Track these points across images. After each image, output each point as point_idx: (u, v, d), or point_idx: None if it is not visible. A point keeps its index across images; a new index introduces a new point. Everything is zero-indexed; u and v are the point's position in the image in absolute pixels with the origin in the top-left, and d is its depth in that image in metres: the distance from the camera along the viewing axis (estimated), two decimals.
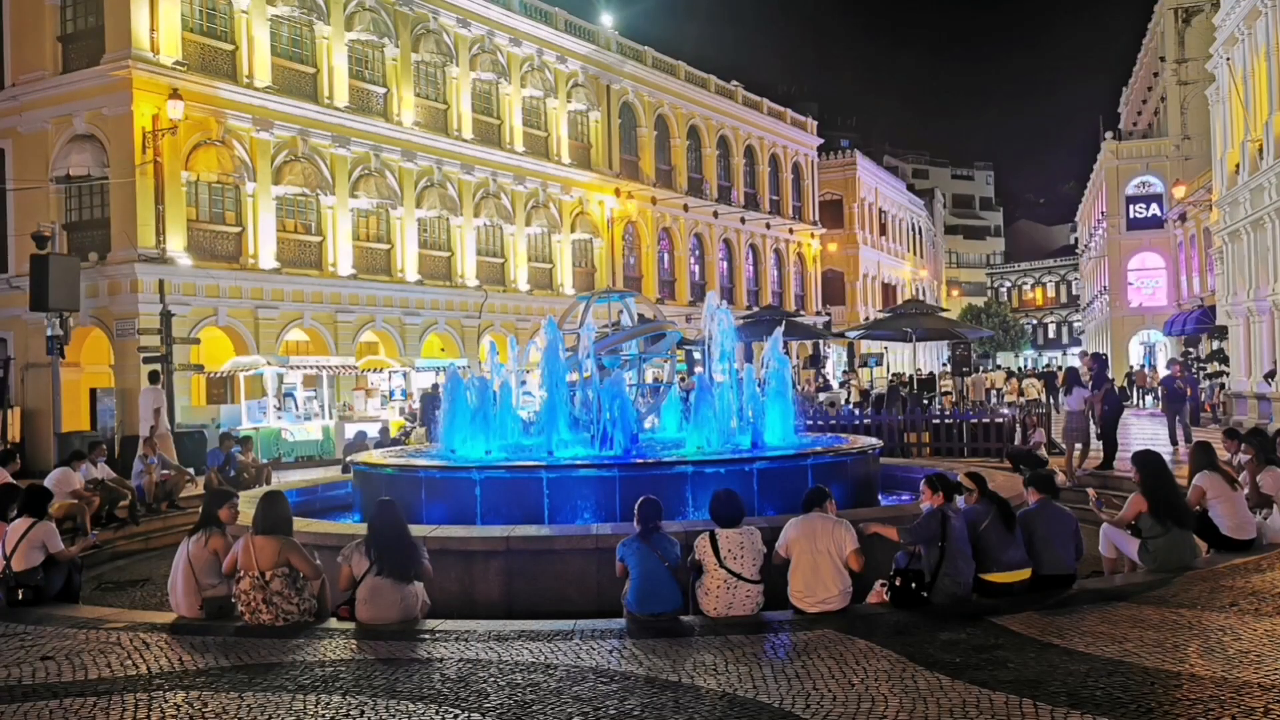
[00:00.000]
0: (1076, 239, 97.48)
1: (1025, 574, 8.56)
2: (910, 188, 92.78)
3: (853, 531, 8.43)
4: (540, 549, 9.96)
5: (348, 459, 14.18)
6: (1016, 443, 18.00)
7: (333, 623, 8.21)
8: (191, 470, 21.41)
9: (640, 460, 12.01)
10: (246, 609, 8.12)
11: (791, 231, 62.16)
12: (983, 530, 8.54)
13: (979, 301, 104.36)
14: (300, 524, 10.69)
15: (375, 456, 13.75)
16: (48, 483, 15.09)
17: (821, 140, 67.18)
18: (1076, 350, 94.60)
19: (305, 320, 33.16)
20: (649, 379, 16.66)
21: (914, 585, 8.27)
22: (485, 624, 7.98)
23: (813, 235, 64.71)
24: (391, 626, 7.88)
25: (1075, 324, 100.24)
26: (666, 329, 14.65)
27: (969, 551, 8.40)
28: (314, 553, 8.72)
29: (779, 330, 14.77)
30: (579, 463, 11.82)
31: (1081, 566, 9.38)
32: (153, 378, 23.75)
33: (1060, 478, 16.83)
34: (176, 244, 29.13)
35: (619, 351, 16.02)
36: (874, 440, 14.56)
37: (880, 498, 14.05)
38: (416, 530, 10.36)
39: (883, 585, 8.52)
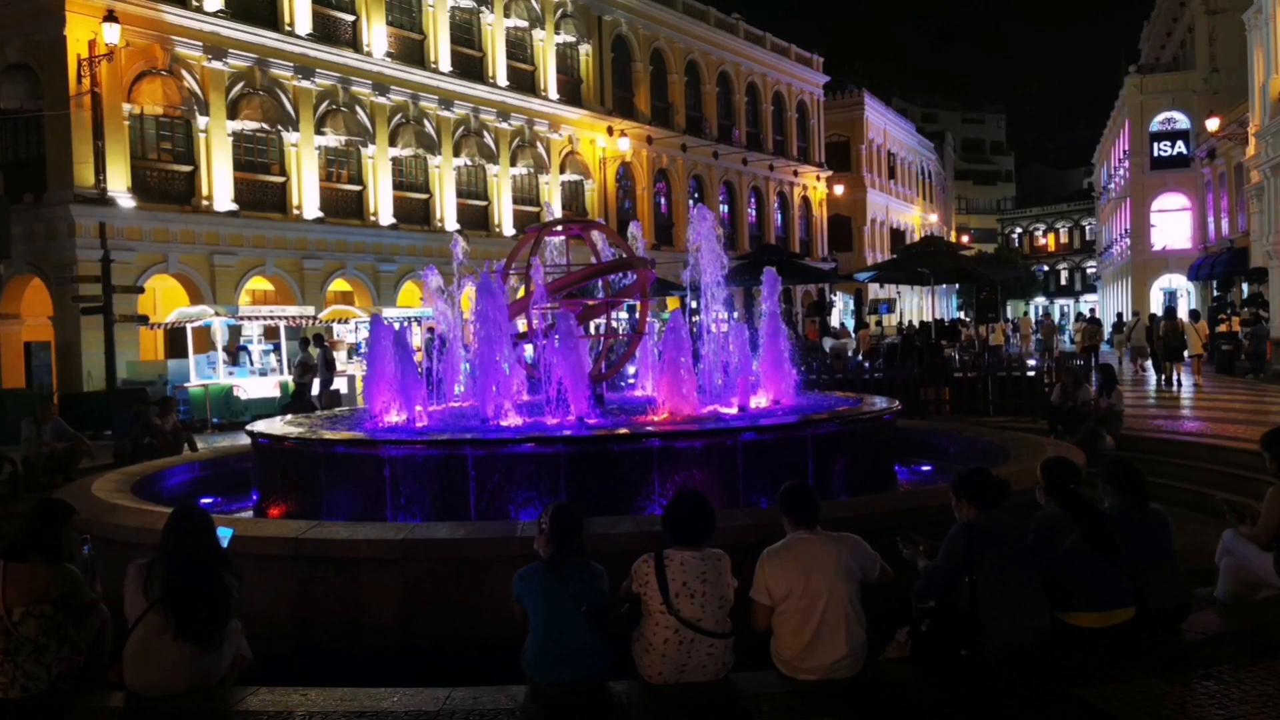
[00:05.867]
0: (1090, 183, 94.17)
1: (1128, 614, 5.93)
2: (920, 130, 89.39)
3: (864, 545, 5.79)
4: (447, 556, 7.48)
5: (247, 427, 11.74)
6: (1053, 400, 15.52)
7: (102, 694, 5.61)
8: (109, 432, 19.07)
9: (593, 434, 9.46)
10: None
11: (796, 174, 59.16)
12: (1064, 551, 5.91)
13: (989, 248, 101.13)
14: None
15: (278, 425, 11.23)
16: None
17: (828, 79, 63.92)
18: (1091, 297, 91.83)
19: (268, 268, 30.64)
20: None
21: (948, 632, 5.67)
22: (316, 695, 5.48)
23: (818, 178, 61.71)
24: (175, 699, 5.39)
25: (1089, 270, 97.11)
26: (636, 266, 12.10)
27: (1027, 582, 5.77)
28: None
29: (770, 271, 12.20)
30: (514, 437, 9.26)
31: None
32: None
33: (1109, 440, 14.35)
34: (119, 183, 26.54)
35: (586, 294, 13.51)
36: (890, 402, 12.02)
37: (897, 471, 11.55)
38: (297, 530, 7.92)
39: (908, 634, 5.88)
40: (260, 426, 11.05)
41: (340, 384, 26.08)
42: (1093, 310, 72.35)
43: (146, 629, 5.48)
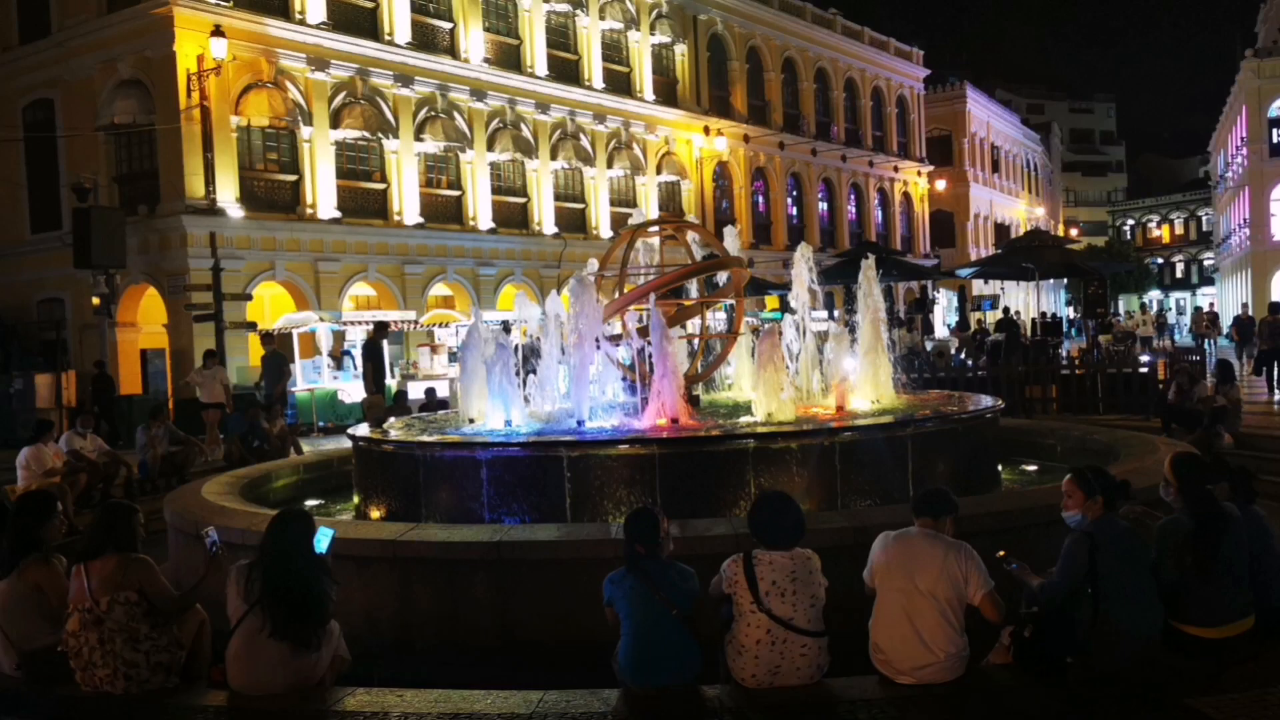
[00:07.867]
0: (1207, 171, 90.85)
1: (1247, 624, 5.56)
2: (1025, 122, 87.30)
3: (977, 561, 5.45)
4: (541, 558, 7.46)
5: (348, 431, 11.92)
6: (1170, 398, 14.95)
7: (204, 693, 5.73)
8: (222, 436, 19.57)
9: (683, 434, 9.35)
10: (77, 662, 5.74)
11: (897, 169, 58.25)
12: (1181, 562, 5.56)
13: (1099, 242, 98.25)
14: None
15: (376, 429, 11.38)
16: (17, 464, 13.23)
17: (928, 72, 62.74)
18: (1209, 290, 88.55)
19: (370, 273, 31.20)
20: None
21: (1053, 638, 5.42)
22: (411, 696, 5.49)
23: (919, 173, 60.66)
24: (275, 699, 5.45)
25: (1206, 262, 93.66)
26: (730, 266, 11.97)
27: (1143, 589, 5.46)
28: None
29: (865, 263, 11.94)
30: (606, 437, 9.22)
31: None
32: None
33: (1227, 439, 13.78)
34: (228, 194, 27.29)
35: (680, 294, 13.41)
36: (993, 400, 11.67)
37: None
38: (396, 531, 8.00)
39: (1010, 635, 5.61)
40: (363, 430, 11.21)
41: (441, 388, 26.40)
42: (1211, 304, 69.84)
43: (247, 630, 5.58)
